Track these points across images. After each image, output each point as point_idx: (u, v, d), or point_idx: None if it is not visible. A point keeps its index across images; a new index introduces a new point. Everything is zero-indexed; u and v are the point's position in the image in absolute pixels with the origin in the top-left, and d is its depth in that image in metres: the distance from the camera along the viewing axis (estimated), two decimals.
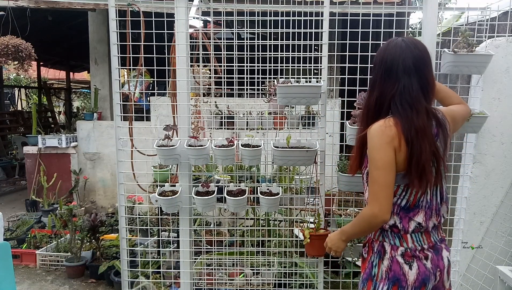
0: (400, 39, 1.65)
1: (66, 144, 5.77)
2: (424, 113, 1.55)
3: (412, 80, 1.57)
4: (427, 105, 1.58)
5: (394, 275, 1.57)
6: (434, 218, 1.62)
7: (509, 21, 2.55)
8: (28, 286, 3.71)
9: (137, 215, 3.84)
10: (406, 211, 1.60)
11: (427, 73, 1.61)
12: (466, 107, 1.91)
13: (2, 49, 4.56)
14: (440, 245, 1.65)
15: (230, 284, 3.06)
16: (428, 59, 1.63)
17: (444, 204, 1.67)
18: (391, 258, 1.59)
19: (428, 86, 1.60)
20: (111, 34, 2.48)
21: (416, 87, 1.57)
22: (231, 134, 2.88)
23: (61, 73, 14.06)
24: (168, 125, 2.48)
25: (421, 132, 1.52)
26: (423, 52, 1.62)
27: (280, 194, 2.47)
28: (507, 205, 2.61)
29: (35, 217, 5.23)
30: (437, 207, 1.63)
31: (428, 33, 2.31)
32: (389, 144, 1.53)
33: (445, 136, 1.59)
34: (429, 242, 1.61)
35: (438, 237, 1.66)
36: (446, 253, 1.66)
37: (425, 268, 1.57)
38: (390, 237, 1.62)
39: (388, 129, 1.54)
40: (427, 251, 1.60)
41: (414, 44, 1.62)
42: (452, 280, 2.71)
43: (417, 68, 1.58)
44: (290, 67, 2.62)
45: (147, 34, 2.55)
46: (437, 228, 1.67)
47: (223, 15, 2.74)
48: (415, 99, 1.55)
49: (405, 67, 1.58)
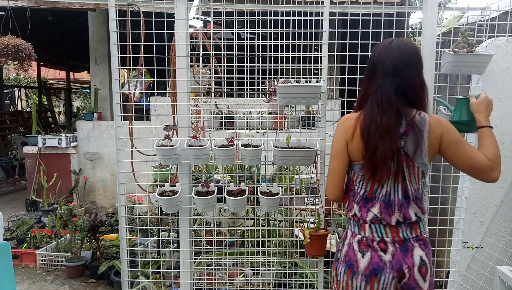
0: (389, 40, 1.70)
1: (66, 144, 5.77)
2: (393, 112, 1.60)
3: (388, 80, 1.63)
4: (399, 106, 1.61)
5: (349, 260, 1.68)
6: (396, 214, 1.65)
7: (509, 21, 2.55)
8: (28, 286, 3.71)
9: (137, 215, 3.84)
10: (365, 201, 1.69)
11: (410, 74, 1.64)
12: (476, 162, 1.63)
13: (2, 49, 4.57)
14: (412, 243, 1.65)
15: (230, 284, 3.06)
16: (413, 60, 1.66)
17: (414, 203, 1.66)
18: (349, 244, 1.71)
19: (409, 87, 1.63)
20: (111, 34, 2.48)
21: (390, 88, 1.62)
22: (231, 134, 2.88)
23: (61, 73, 14.06)
24: (168, 125, 2.48)
25: (382, 130, 1.59)
26: (406, 53, 1.65)
27: (280, 194, 2.47)
28: (507, 205, 2.61)
29: (35, 217, 5.24)
30: (399, 204, 1.65)
31: (428, 33, 2.31)
32: (343, 135, 1.70)
33: (417, 138, 1.60)
34: (394, 237, 1.64)
35: (411, 235, 1.66)
36: (420, 252, 1.65)
37: (379, 260, 1.62)
38: (352, 224, 1.74)
39: (348, 121, 1.71)
40: (390, 244, 1.64)
41: (398, 46, 1.66)
42: (452, 280, 2.73)
43: (396, 70, 1.63)
44: (290, 67, 2.62)
45: (147, 34, 2.55)
46: (409, 226, 1.66)
47: (223, 15, 2.74)
48: (384, 99, 1.62)
49: (384, 68, 1.65)
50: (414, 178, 1.65)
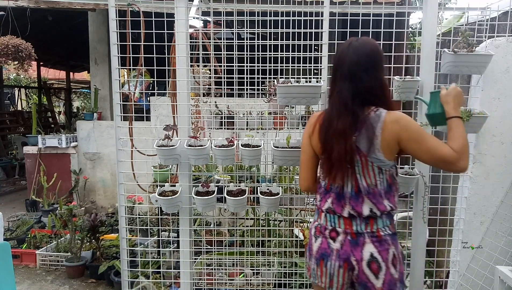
0: (348, 42, 1.73)
1: (66, 144, 5.77)
2: (349, 115, 1.65)
3: (346, 85, 1.68)
4: (356, 108, 1.65)
5: (309, 244, 1.83)
6: (348, 207, 1.69)
7: (509, 21, 2.55)
8: (28, 286, 3.71)
9: (137, 215, 3.84)
10: (324, 192, 1.79)
11: (366, 78, 1.66)
12: (440, 155, 1.60)
13: (2, 49, 4.56)
14: (364, 239, 1.66)
15: (230, 284, 3.06)
16: (369, 63, 1.67)
17: (367, 199, 1.67)
18: (310, 229, 1.85)
19: (365, 91, 1.66)
20: (111, 34, 2.48)
21: (348, 92, 1.67)
22: (231, 134, 2.88)
23: (61, 73, 14.05)
24: (168, 125, 2.48)
25: (338, 133, 1.65)
26: (363, 56, 1.67)
27: (280, 194, 2.47)
28: (507, 205, 2.61)
29: (35, 217, 5.23)
30: (349, 197, 1.70)
31: (428, 33, 2.31)
32: (307, 130, 1.84)
33: (368, 134, 1.62)
34: (346, 228, 1.69)
35: (366, 230, 1.67)
36: (372, 248, 1.65)
37: (327, 246, 1.72)
38: (315, 212, 1.86)
39: (313, 118, 1.84)
40: (341, 235, 1.70)
41: (355, 49, 1.69)
42: (452, 280, 2.73)
43: (352, 75, 1.67)
44: (290, 67, 2.62)
45: (147, 34, 2.55)
46: (364, 221, 1.67)
47: (223, 15, 2.74)
48: (341, 103, 1.67)
49: (342, 73, 1.70)
50: (367, 173, 1.67)
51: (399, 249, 1.73)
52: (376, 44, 1.73)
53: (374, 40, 1.75)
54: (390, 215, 1.72)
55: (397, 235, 1.75)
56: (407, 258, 2.64)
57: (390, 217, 1.72)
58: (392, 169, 1.71)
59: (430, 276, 3.05)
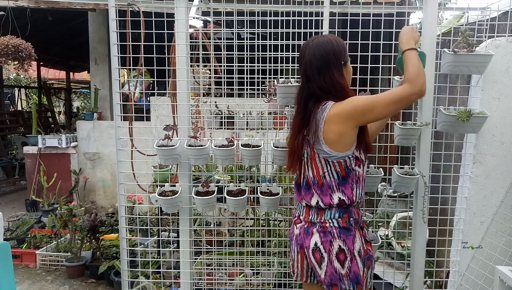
0: (307, 42, 1.79)
1: (66, 144, 5.77)
2: (307, 113, 1.76)
3: (304, 85, 1.79)
4: (311, 106, 1.74)
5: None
6: (305, 197, 1.81)
7: (509, 21, 2.55)
8: (28, 286, 3.71)
9: (137, 215, 3.84)
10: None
11: (319, 79, 1.72)
12: (396, 97, 1.65)
13: (2, 49, 4.56)
14: (312, 228, 1.75)
15: (230, 284, 3.06)
16: (322, 63, 1.71)
17: (314, 191, 1.76)
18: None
19: (320, 90, 1.72)
20: (111, 34, 2.48)
21: (307, 92, 1.77)
22: (231, 134, 2.88)
23: (61, 73, 14.05)
24: (168, 125, 2.48)
25: (295, 129, 1.81)
26: (317, 57, 1.72)
27: (280, 194, 2.47)
28: (507, 205, 2.61)
29: (35, 217, 5.23)
30: (304, 189, 1.81)
31: (428, 33, 2.31)
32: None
33: (313, 127, 1.71)
34: (306, 217, 1.81)
35: (317, 219, 1.75)
36: (317, 238, 1.72)
37: (293, 231, 1.86)
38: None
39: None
40: (302, 222, 1.81)
41: (310, 49, 1.75)
42: (452, 280, 2.73)
43: (308, 75, 1.76)
44: (290, 67, 2.62)
45: (147, 34, 2.55)
46: (316, 211, 1.77)
47: (223, 15, 2.74)
48: (302, 101, 1.79)
49: (301, 73, 1.81)
50: (314, 165, 1.74)
51: (352, 246, 1.70)
52: (331, 42, 1.74)
53: (331, 38, 1.78)
54: (342, 208, 1.73)
55: (353, 231, 1.72)
56: (407, 258, 2.64)
57: (342, 210, 1.73)
58: (346, 161, 1.70)
59: (430, 276, 3.05)
